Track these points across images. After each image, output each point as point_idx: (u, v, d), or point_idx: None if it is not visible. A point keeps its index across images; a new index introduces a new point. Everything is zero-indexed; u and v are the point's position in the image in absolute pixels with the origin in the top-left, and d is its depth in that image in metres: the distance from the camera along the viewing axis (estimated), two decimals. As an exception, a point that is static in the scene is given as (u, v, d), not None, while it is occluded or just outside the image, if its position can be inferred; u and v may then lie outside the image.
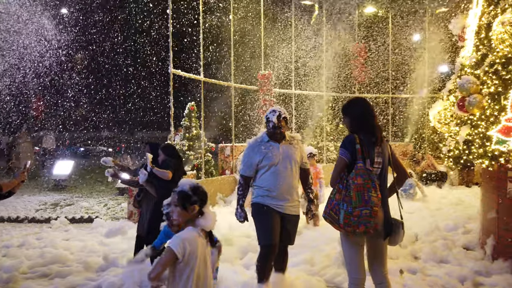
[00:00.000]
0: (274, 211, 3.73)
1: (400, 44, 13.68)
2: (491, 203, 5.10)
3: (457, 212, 7.58)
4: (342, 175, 2.91)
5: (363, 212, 2.76)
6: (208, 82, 9.87)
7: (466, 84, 4.86)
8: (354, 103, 3.10)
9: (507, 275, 4.34)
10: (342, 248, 3.10)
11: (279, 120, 3.74)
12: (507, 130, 4.20)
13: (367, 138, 2.92)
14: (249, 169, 3.86)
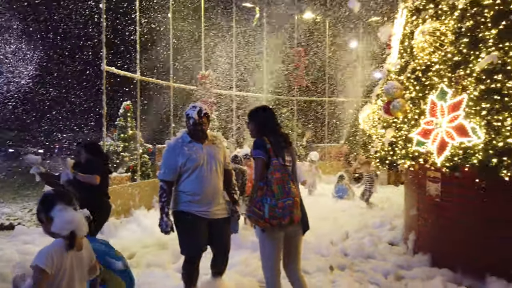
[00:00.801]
0: (200, 218, 3.50)
1: (336, 50, 14.28)
2: (413, 201, 5.48)
3: (384, 210, 8.05)
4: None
5: (287, 203, 2.92)
6: (145, 81, 9.54)
7: (391, 89, 5.15)
8: (259, 110, 3.27)
9: (425, 268, 4.66)
10: (262, 246, 3.11)
11: (200, 116, 3.50)
12: (425, 133, 4.50)
13: (275, 140, 3.08)
14: (171, 173, 3.53)
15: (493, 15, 4.05)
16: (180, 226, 3.53)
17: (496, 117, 3.84)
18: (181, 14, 11.39)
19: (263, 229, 3.01)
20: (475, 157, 3.94)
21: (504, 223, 4.07)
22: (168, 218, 3.53)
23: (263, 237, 3.07)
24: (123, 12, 10.32)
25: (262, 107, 3.38)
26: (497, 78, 3.89)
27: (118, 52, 13.67)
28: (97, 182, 4.15)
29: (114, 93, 13.23)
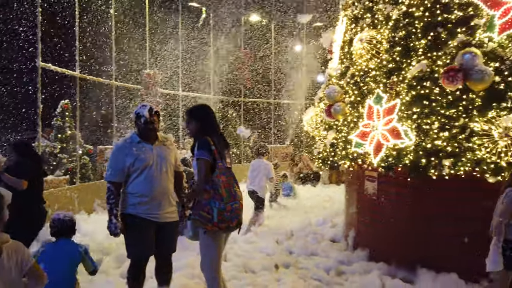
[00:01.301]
0: (148, 221, 3.41)
1: (282, 53, 14.61)
2: (352, 200, 5.76)
3: (327, 209, 8.38)
4: None
5: (234, 206, 2.98)
6: (85, 78, 9.11)
7: (332, 93, 5.40)
8: (199, 108, 3.30)
9: (363, 262, 4.93)
10: (205, 248, 3.10)
11: (151, 114, 3.39)
12: (363, 135, 4.77)
13: (218, 141, 3.11)
14: (118, 174, 3.39)
15: (423, 26, 4.40)
16: (128, 229, 3.42)
17: (425, 121, 4.17)
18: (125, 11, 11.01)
19: (205, 231, 3.00)
20: (407, 157, 4.25)
21: (433, 219, 4.41)
22: (117, 219, 3.40)
23: (208, 240, 3.06)
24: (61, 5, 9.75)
25: (203, 105, 3.40)
26: (426, 85, 4.23)
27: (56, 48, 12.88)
28: (23, 187, 3.86)
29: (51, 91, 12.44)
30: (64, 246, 3.09)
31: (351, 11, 5.51)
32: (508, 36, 3.94)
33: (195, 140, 3.12)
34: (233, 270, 4.76)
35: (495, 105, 3.81)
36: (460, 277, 4.04)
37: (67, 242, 3.13)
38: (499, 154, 3.69)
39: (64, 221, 3.11)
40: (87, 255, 3.13)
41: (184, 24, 12.18)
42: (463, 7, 4.17)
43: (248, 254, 5.35)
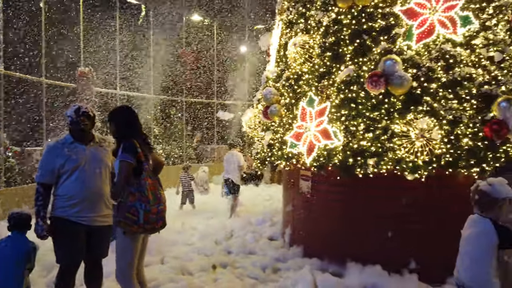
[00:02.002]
0: (79, 225, 3.30)
1: (225, 53, 14.63)
2: (289, 198, 5.94)
3: (267, 208, 8.55)
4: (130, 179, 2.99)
5: (160, 208, 3.05)
6: (11, 75, 8.48)
7: (268, 94, 5.53)
8: (120, 110, 3.32)
9: (298, 259, 5.11)
10: (123, 250, 3.07)
11: (78, 114, 3.33)
12: (297, 136, 4.95)
13: (142, 143, 3.11)
14: (48, 175, 3.30)
15: (350, 33, 4.65)
16: (57, 233, 3.30)
17: (352, 123, 4.43)
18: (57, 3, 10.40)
19: (124, 232, 3.00)
20: (336, 157, 4.48)
21: (360, 216, 4.69)
22: (44, 221, 3.27)
23: (126, 242, 3.04)
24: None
25: (125, 106, 3.45)
26: (353, 89, 4.48)
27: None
28: None
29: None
30: (16, 239, 3.18)
31: (286, 16, 5.68)
32: (424, 45, 4.29)
33: (119, 142, 3.08)
34: (170, 272, 4.71)
35: (413, 108, 4.14)
36: (384, 268, 4.33)
37: (20, 235, 3.21)
38: (416, 154, 4.01)
39: (21, 215, 3.22)
40: (34, 252, 3.21)
41: (122, 21, 11.76)
42: (386, 16, 4.48)
43: (186, 256, 5.32)
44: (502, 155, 3.91)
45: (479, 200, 2.54)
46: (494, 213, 2.48)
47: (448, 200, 4.30)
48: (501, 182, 2.52)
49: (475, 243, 2.49)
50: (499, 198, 2.45)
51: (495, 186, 2.49)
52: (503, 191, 2.47)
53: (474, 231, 2.52)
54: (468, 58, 4.12)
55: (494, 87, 3.99)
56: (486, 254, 2.42)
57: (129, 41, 12.21)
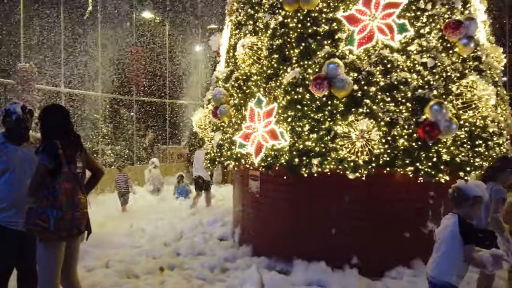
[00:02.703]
0: (7, 229, 3.14)
1: (177, 52, 14.41)
2: (239, 198, 5.99)
3: (219, 208, 8.54)
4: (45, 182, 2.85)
5: (75, 215, 2.89)
6: None
7: (218, 95, 5.54)
8: (50, 110, 3.14)
9: (247, 258, 5.16)
10: (43, 257, 2.92)
11: (24, 111, 3.20)
12: (246, 136, 5.00)
13: (67, 144, 2.97)
14: None
15: (296, 36, 4.78)
16: None
17: (298, 123, 4.54)
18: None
19: (41, 240, 2.86)
20: (283, 157, 4.58)
21: (305, 214, 4.83)
22: None
23: (44, 250, 2.89)
24: None
25: (53, 106, 3.31)
26: (299, 91, 4.60)
27: None
28: None
29: None
30: None
31: (235, 17, 5.71)
32: (364, 49, 4.50)
33: (42, 142, 2.96)
34: (114, 276, 4.59)
35: (354, 110, 4.33)
36: (328, 264, 4.50)
37: None
38: (357, 154, 4.19)
39: None
40: None
41: (67, 16, 11.21)
42: (329, 21, 4.64)
43: (132, 258, 5.20)
44: (434, 155, 4.20)
45: (452, 194, 2.67)
46: (464, 210, 2.61)
47: (387, 197, 4.55)
48: (478, 184, 2.67)
49: (442, 239, 2.64)
50: (470, 196, 2.58)
51: (470, 185, 2.63)
52: (475, 190, 2.59)
53: (444, 228, 2.67)
54: (404, 64, 4.38)
55: (427, 91, 4.28)
56: (448, 247, 2.57)
57: (74, 37, 11.65)
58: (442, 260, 2.60)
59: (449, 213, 2.71)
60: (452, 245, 2.56)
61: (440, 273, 2.60)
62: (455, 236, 2.54)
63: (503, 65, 5.32)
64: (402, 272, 4.40)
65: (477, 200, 2.60)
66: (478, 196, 2.59)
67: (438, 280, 2.60)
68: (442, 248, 2.61)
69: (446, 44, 4.56)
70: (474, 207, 2.61)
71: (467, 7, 4.79)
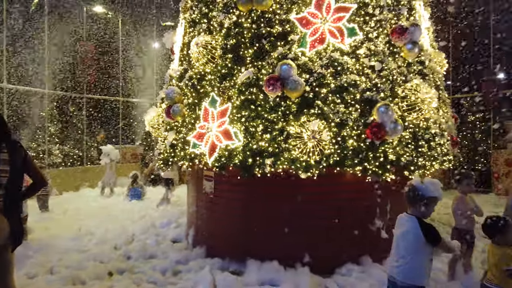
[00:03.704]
0: None
1: (131, 49, 13.96)
2: (193, 199, 5.90)
3: (174, 209, 8.38)
4: None
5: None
6: None
7: (171, 93, 5.42)
8: None
9: (200, 260, 5.09)
10: None
11: None
12: (200, 136, 4.93)
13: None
14: None
15: (250, 37, 4.78)
16: None
17: (252, 124, 4.55)
18: None
19: None
20: (237, 158, 4.56)
21: (258, 214, 4.85)
22: None
23: None
24: None
25: None
26: (253, 91, 4.61)
27: None
28: None
29: None
30: None
31: (189, 15, 5.62)
32: (316, 52, 4.59)
33: None
34: (59, 283, 4.38)
35: (306, 111, 4.39)
36: (280, 263, 4.54)
37: None
38: (309, 154, 4.27)
39: None
40: None
41: (10, 7, 10.52)
42: (283, 23, 4.69)
43: (79, 264, 4.96)
44: (381, 154, 4.36)
45: (408, 193, 2.68)
46: (419, 209, 2.63)
47: (337, 196, 4.67)
48: (433, 182, 2.67)
49: (404, 241, 2.64)
50: (425, 195, 2.61)
51: (426, 184, 2.64)
52: (431, 190, 2.61)
53: (402, 230, 2.67)
54: (354, 67, 4.51)
55: (374, 94, 4.43)
56: (415, 251, 2.57)
57: (18, 30, 10.95)
58: (411, 264, 2.59)
59: (405, 214, 2.72)
60: (418, 248, 2.57)
61: (411, 278, 2.59)
62: (419, 240, 2.55)
63: (445, 69, 5.65)
64: (351, 268, 4.53)
65: (432, 200, 2.63)
66: (433, 197, 2.62)
67: (409, 284, 2.59)
68: (409, 253, 2.59)
69: (393, 48, 4.77)
70: (429, 206, 2.65)
71: (412, 13, 5.03)
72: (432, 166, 4.76)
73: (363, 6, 4.68)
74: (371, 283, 4.18)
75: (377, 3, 4.73)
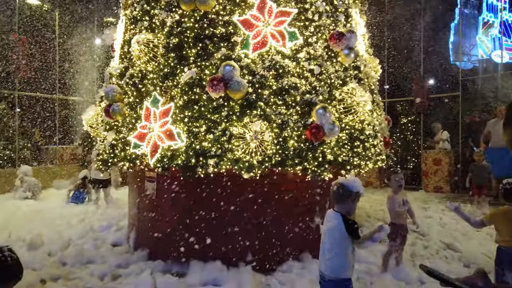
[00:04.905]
0: None
1: (69, 45, 13.25)
2: (134, 200, 5.74)
3: (115, 211, 8.08)
4: None
5: None
6: None
7: (110, 92, 5.24)
8: None
9: (142, 263, 4.96)
10: None
11: None
12: (141, 136, 4.82)
13: None
14: None
15: (193, 36, 4.76)
16: None
17: (195, 124, 4.54)
18: None
19: None
20: (179, 158, 4.52)
21: (201, 215, 4.83)
22: None
23: None
24: None
25: None
26: (196, 91, 4.60)
27: None
28: None
29: None
30: None
31: (130, 11, 5.47)
32: (259, 54, 4.68)
33: None
34: (-17, 295, 4.04)
35: (249, 112, 4.46)
36: (223, 263, 4.57)
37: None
38: (251, 154, 4.34)
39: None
40: None
41: None
42: (226, 24, 4.73)
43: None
44: (320, 155, 4.55)
45: (337, 191, 2.79)
46: (347, 206, 2.78)
47: (279, 196, 4.80)
48: (356, 179, 2.84)
49: (330, 236, 2.77)
50: (353, 191, 2.76)
51: (351, 181, 2.80)
52: (356, 186, 2.77)
53: (329, 226, 2.79)
54: (294, 70, 4.67)
55: (313, 96, 4.62)
56: (339, 246, 2.71)
57: None
58: (336, 260, 2.73)
59: (332, 211, 2.86)
60: (342, 243, 2.71)
61: (337, 272, 2.74)
62: (343, 235, 2.70)
63: (379, 74, 6.02)
64: (292, 265, 4.67)
65: (357, 196, 2.80)
66: (358, 192, 2.79)
67: (335, 278, 2.74)
68: (334, 249, 2.73)
69: (331, 53, 4.99)
70: (354, 202, 2.81)
71: (349, 20, 5.30)
72: (366, 165, 5.05)
73: (303, 11, 4.85)
74: (310, 278, 4.34)
75: (316, 10, 4.93)
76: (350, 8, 5.40)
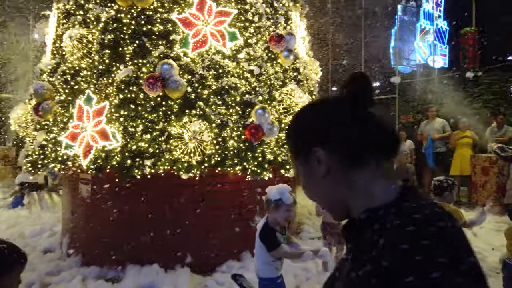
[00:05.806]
0: None
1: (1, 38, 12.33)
2: (68, 204, 5.44)
3: (48, 216, 7.61)
4: None
5: None
6: None
7: (40, 89, 4.93)
8: None
9: (75, 269, 4.71)
10: None
11: None
12: (73, 136, 4.58)
13: None
14: None
15: (130, 33, 4.60)
16: None
17: (131, 124, 4.38)
18: None
19: None
20: (114, 159, 4.35)
21: (137, 217, 4.68)
22: None
23: None
24: None
25: None
26: (132, 90, 4.44)
27: None
28: None
29: None
30: None
31: (63, 5, 5.18)
32: (198, 53, 4.63)
33: None
34: None
35: (188, 112, 4.40)
36: (161, 266, 4.45)
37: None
38: (190, 154, 4.28)
39: None
40: None
41: None
42: (164, 22, 4.62)
43: None
44: (259, 155, 4.58)
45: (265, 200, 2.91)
46: (271, 214, 2.86)
47: (218, 196, 4.77)
48: (282, 188, 2.87)
49: (256, 241, 2.89)
50: (272, 199, 2.83)
51: (272, 189, 2.88)
52: (275, 195, 2.82)
53: (258, 231, 2.92)
54: (234, 70, 4.67)
55: (253, 97, 4.64)
56: (263, 252, 2.83)
57: None
58: (261, 262, 2.88)
59: (264, 217, 2.97)
60: (262, 249, 2.84)
61: (263, 273, 2.90)
62: (259, 243, 2.86)
63: (319, 76, 6.19)
64: (231, 265, 4.66)
65: (278, 203, 2.82)
66: (277, 199, 2.82)
67: (263, 278, 2.90)
68: (258, 252, 2.89)
69: (271, 55, 5.05)
70: (279, 210, 2.82)
71: (289, 23, 5.40)
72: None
73: (243, 12, 4.87)
74: (249, 277, 4.33)
75: (256, 11, 4.97)
76: (290, 11, 5.50)
